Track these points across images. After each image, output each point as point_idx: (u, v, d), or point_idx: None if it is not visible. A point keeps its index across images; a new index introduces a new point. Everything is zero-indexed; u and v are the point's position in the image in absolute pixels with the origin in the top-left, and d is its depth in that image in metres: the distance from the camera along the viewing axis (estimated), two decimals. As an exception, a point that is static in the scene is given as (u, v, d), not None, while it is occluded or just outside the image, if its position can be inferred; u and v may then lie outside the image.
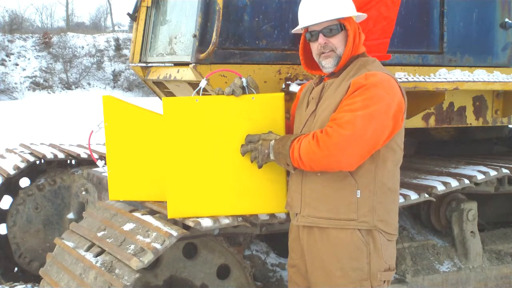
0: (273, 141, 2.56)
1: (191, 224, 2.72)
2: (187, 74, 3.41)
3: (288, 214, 2.85)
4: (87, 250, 2.91)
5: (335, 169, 2.42)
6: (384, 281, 2.53)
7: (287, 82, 3.31)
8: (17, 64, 34.81)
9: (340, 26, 2.54)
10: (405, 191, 3.36)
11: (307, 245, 2.59)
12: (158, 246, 2.61)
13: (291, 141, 2.47)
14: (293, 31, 2.76)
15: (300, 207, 2.57)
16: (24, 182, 4.91)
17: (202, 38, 3.20)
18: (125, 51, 37.30)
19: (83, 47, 37.34)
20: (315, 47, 2.59)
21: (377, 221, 2.47)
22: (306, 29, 2.61)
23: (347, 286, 2.49)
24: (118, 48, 38.22)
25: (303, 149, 2.41)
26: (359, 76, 2.44)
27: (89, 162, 4.75)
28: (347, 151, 2.34)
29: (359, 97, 2.37)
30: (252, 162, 2.64)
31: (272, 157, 2.56)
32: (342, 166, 2.40)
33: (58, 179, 4.82)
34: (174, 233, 2.65)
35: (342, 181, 2.46)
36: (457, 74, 3.67)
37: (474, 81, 3.65)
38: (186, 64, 3.39)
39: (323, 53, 2.55)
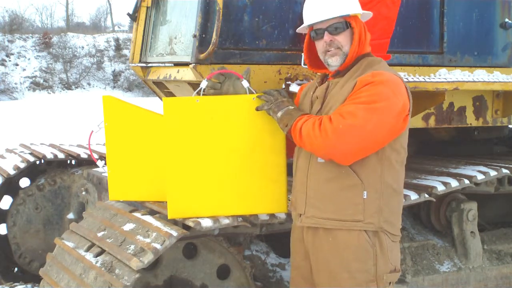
0: (291, 106, 2.59)
1: (191, 224, 2.72)
2: (187, 74, 3.41)
3: (288, 214, 2.84)
4: (87, 250, 2.91)
5: (328, 155, 2.40)
6: (390, 283, 2.53)
7: (287, 82, 3.31)
8: (17, 64, 34.80)
9: (345, 24, 2.53)
10: (405, 191, 3.35)
11: (312, 247, 2.57)
12: (158, 246, 2.60)
13: (304, 113, 2.53)
14: (298, 30, 2.74)
15: (305, 207, 2.55)
16: (24, 182, 4.91)
17: (202, 38, 3.20)
18: (125, 51, 37.27)
19: (83, 47, 37.32)
20: (320, 45, 2.58)
21: (383, 222, 2.46)
22: (311, 27, 2.61)
23: None
24: (118, 48, 38.20)
25: (306, 125, 2.43)
26: (366, 74, 2.44)
27: (89, 162, 4.74)
28: (344, 138, 2.33)
29: (364, 93, 2.37)
30: (263, 107, 2.65)
31: (279, 114, 2.57)
32: (336, 154, 2.38)
33: (58, 179, 4.82)
34: (174, 233, 2.65)
35: (348, 181, 2.44)
36: (457, 74, 3.67)
37: (474, 81, 3.65)
38: (186, 64, 3.39)
39: (328, 51, 2.55)
